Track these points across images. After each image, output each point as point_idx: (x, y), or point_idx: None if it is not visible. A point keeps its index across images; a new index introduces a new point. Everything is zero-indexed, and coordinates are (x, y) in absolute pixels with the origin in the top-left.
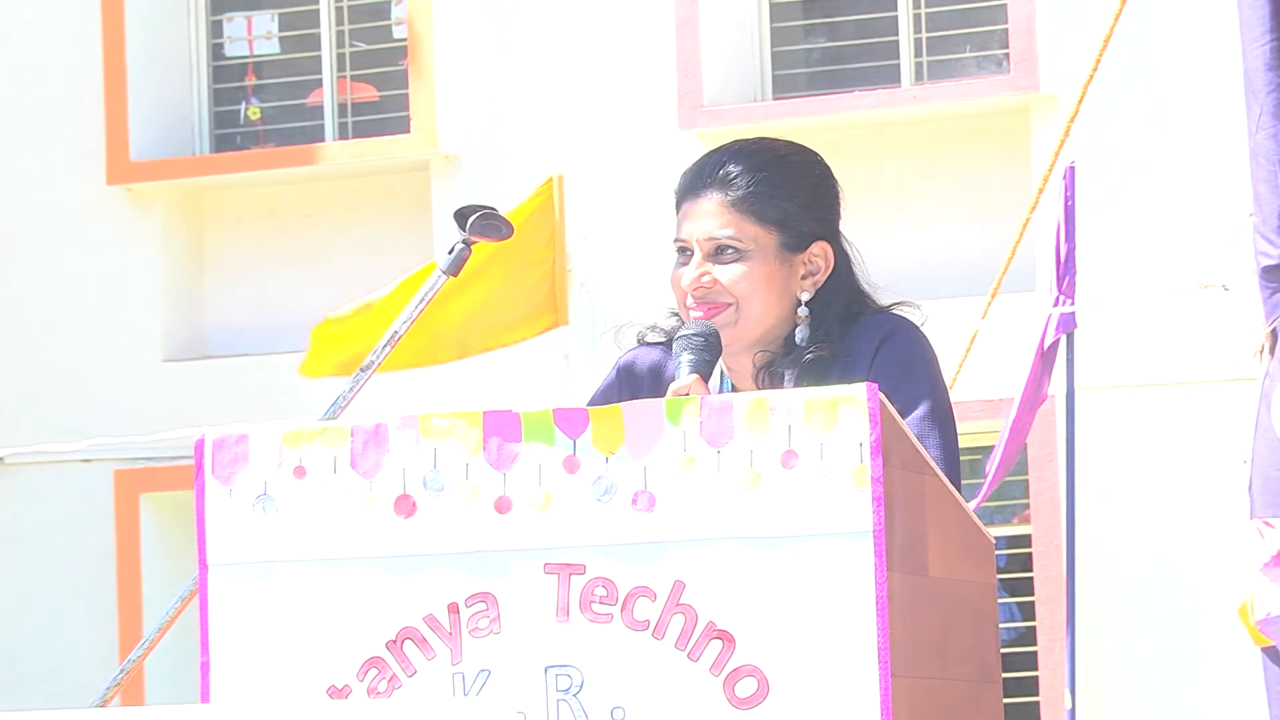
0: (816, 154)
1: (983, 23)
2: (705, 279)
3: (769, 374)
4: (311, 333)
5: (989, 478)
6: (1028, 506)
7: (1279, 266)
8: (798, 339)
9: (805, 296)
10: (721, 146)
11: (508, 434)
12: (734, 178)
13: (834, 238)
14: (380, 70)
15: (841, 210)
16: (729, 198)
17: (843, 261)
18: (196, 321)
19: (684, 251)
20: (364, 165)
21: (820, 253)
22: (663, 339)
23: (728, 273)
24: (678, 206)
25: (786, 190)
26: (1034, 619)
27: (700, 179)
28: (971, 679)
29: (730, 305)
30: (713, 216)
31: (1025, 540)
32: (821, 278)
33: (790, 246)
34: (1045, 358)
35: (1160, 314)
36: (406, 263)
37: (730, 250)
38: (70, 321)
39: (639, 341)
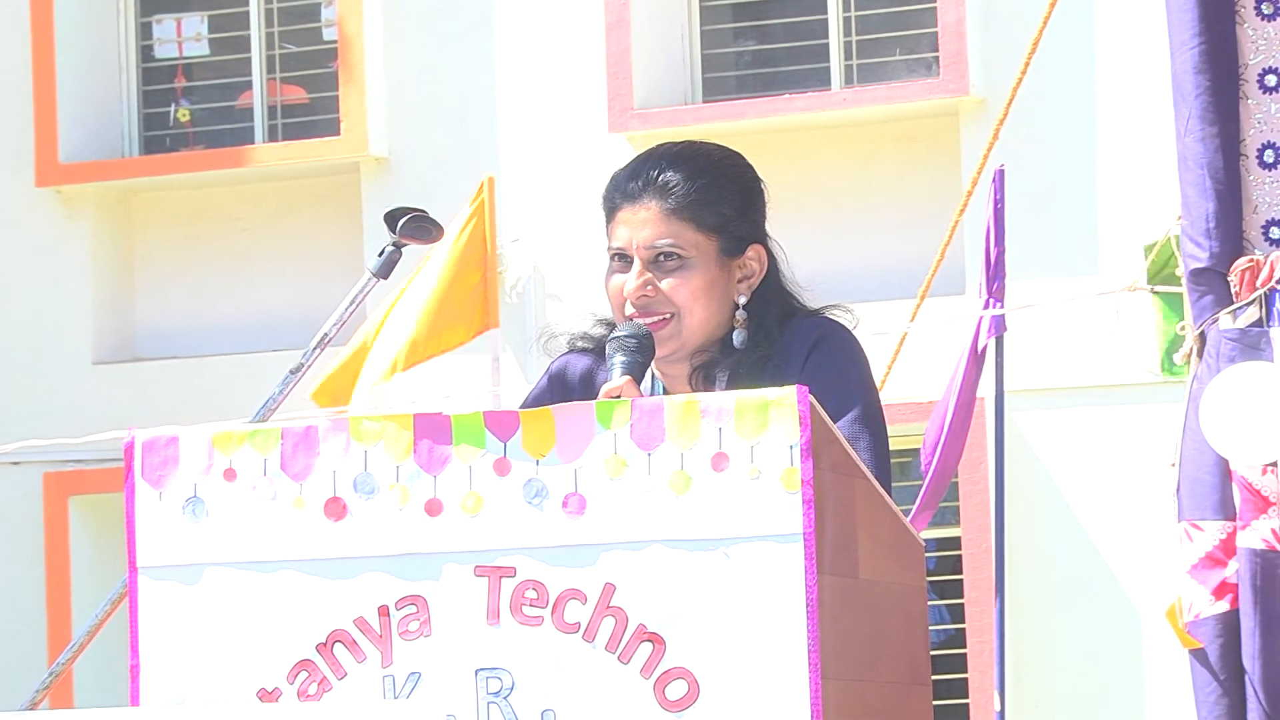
0: (743, 157)
1: (912, 26)
2: (649, 289)
3: (704, 376)
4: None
5: (926, 489)
6: (957, 509)
7: (1207, 269)
8: (736, 342)
9: (742, 300)
10: (653, 153)
11: (438, 436)
12: (673, 185)
13: (765, 240)
14: (310, 72)
15: (767, 211)
16: (668, 205)
17: (772, 263)
18: (127, 324)
19: (621, 259)
20: (294, 168)
21: (755, 256)
22: (592, 346)
23: (670, 281)
24: (611, 213)
25: (723, 196)
26: (963, 621)
27: (636, 186)
28: (901, 681)
29: (672, 317)
30: (652, 225)
31: (955, 543)
32: (756, 280)
33: (728, 252)
34: (977, 361)
35: (1089, 316)
36: (337, 265)
37: (673, 258)
38: None
39: (570, 346)
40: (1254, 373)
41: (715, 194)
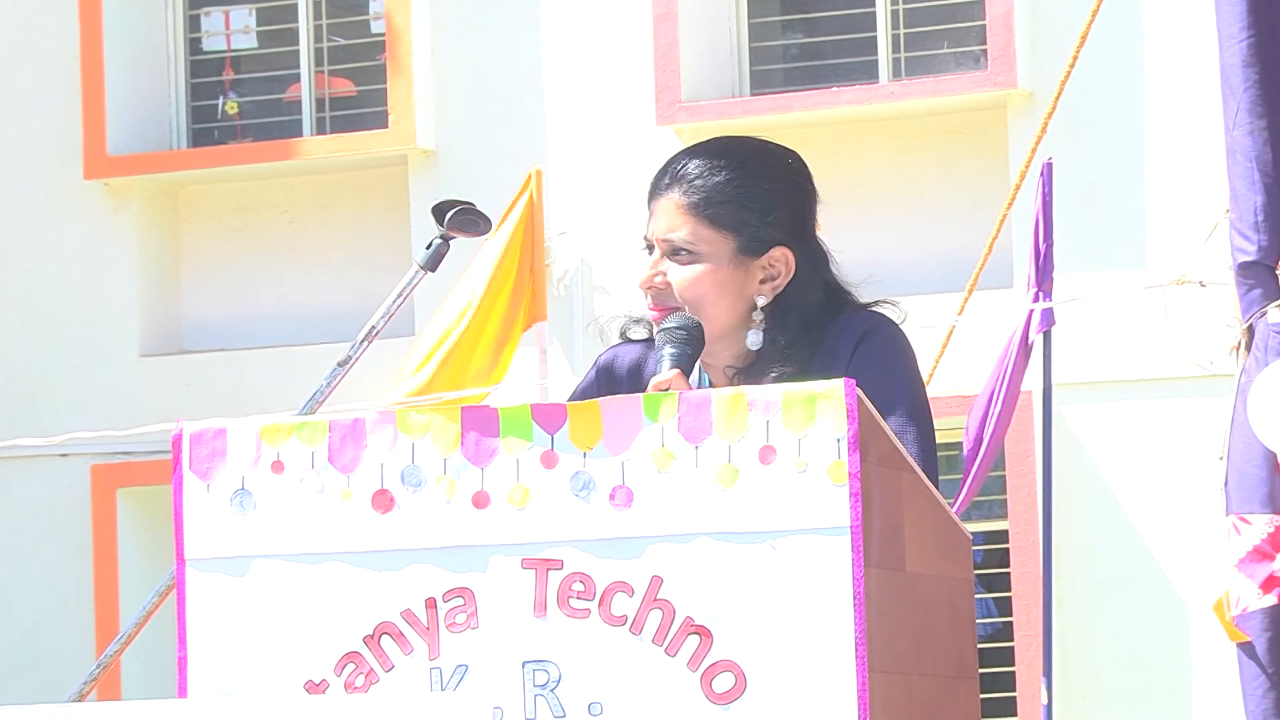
0: (788, 154)
1: (960, 19)
2: (658, 279)
3: (743, 377)
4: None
5: (969, 480)
6: (1005, 502)
7: (1255, 263)
8: (749, 344)
9: (762, 301)
10: (692, 145)
11: (485, 429)
12: (692, 180)
13: (799, 242)
14: (358, 65)
15: (814, 210)
16: (685, 200)
17: (807, 266)
18: (174, 316)
19: (649, 248)
20: (342, 160)
21: (780, 258)
22: (645, 334)
23: (679, 274)
24: (647, 203)
25: (744, 196)
26: (1010, 614)
27: (663, 178)
28: (948, 674)
29: (680, 308)
30: (669, 217)
31: (1002, 536)
32: (781, 283)
33: (747, 251)
34: (1025, 354)
35: (1137, 310)
36: (384, 258)
37: (684, 252)
38: (47, 316)
39: (622, 334)
40: None
41: (735, 193)
